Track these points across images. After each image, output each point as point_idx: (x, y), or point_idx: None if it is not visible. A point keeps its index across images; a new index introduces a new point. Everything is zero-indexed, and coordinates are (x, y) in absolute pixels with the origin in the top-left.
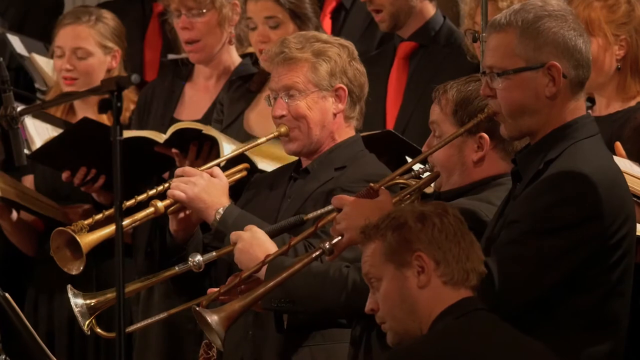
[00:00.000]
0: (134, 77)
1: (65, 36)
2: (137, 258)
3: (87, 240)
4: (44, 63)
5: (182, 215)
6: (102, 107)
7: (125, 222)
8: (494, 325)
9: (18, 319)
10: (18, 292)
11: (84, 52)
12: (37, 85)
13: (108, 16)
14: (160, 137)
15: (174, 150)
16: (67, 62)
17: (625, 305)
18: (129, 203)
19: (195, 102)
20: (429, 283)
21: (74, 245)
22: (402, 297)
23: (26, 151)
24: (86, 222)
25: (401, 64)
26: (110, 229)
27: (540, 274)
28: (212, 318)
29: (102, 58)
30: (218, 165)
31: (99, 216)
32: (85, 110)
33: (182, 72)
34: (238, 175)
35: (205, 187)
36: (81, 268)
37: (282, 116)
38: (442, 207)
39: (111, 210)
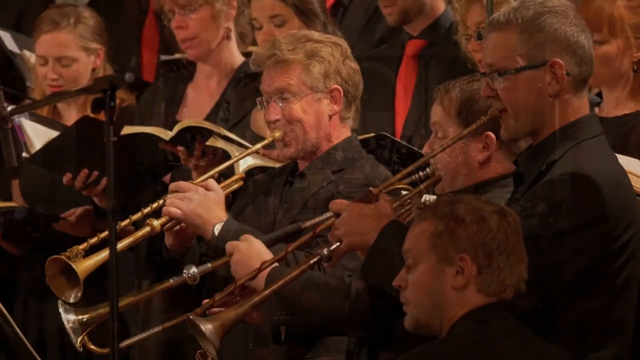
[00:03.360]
0: (128, 76)
1: (46, 45)
2: (137, 262)
3: (83, 266)
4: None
5: (177, 228)
6: (95, 107)
7: (121, 244)
8: (515, 334)
9: (7, 323)
10: (7, 294)
11: (68, 59)
12: (28, 84)
13: (86, 14)
14: (166, 134)
15: (179, 148)
16: (52, 72)
17: (630, 312)
18: (123, 223)
19: (197, 103)
20: (465, 287)
21: (70, 272)
22: (433, 290)
23: (25, 155)
24: (81, 247)
25: (410, 62)
26: (106, 252)
27: (542, 278)
28: (207, 327)
29: (86, 61)
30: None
31: (94, 240)
32: (69, 110)
33: (184, 73)
34: (235, 186)
35: (201, 201)
36: (79, 295)
37: (276, 120)
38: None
39: (106, 233)
